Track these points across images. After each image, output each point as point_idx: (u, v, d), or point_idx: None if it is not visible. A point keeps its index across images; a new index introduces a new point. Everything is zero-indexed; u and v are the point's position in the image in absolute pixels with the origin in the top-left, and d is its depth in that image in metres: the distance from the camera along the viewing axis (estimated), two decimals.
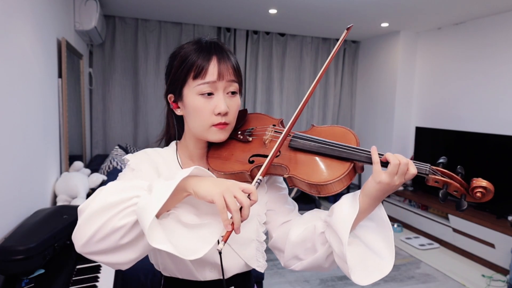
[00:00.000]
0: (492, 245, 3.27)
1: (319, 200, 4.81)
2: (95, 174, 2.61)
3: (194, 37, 0.92)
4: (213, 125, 0.86)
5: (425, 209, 4.14)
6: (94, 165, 3.35)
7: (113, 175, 2.82)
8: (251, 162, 0.87)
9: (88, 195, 2.44)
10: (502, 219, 3.38)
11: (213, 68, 0.83)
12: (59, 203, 2.29)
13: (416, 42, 4.62)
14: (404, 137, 4.71)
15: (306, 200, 4.57)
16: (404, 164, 0.76)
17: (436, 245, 3.79)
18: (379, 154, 0.78)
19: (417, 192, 4.39)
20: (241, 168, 0.86)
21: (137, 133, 4.49)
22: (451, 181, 0.79)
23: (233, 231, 0.66)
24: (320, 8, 3.63)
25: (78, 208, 0.71)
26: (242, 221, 0.66)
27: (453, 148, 3.98)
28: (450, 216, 3.67)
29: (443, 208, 3.78)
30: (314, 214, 0.92)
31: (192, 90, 0.84)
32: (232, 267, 0.89)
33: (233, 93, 0.87)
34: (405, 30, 4.48)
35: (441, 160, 0.82)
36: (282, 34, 4.94)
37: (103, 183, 2.60)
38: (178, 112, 0.91)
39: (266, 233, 0.97)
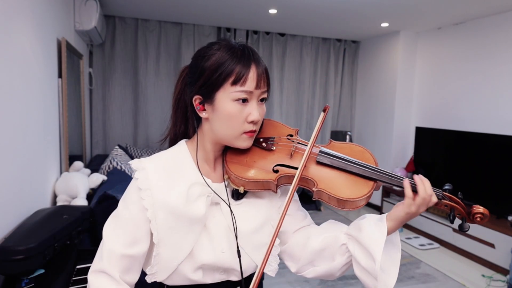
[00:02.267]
0: (492, 245, 3.27)
1: (319, 201, 4.80)
2: (95, 174, 2.61)
3: (222, 38, 0.90)
4: (244, 133, 0.86)
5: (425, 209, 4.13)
6: (94, 165, 3.35)
7: (113, 175, 2.81)
8: (276, 171, 0.88)
9: (88, 195, 2.44)
10: (502, 219, 3.38)
11: (252, 76, 0.82)
12: (59, 203, 2.29)
13: (416, 42, 4.62)
14: (404, 137, 4.71)
15: (306, 200, 4.57)
16: (429, 195, 0.84)
17: (436, 245, 3.79)
18: (410, 182, 0.86)
19: None
20: (267, 177, 0.87)
21: (137, 133, 4.49)
22: (457, 206, 0.89)
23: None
24: (320, 8, 3.63)
25: (89, 283, 0.84)
26: None
27: (453, 148, 3.98)
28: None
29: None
30: (333, 226, 0.95)
31: (228, 96, 0.82)
32: (245, 270, 0.90)
33: (263, 100, 0.88)
34: (405, 30, 4.49)
35: (447, 187, 0.91)
36: (282, 34, 4.94)
37: (103, 183, 2.60)
38: (203, 114, 0.87)
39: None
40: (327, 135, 5.18)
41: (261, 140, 0.94)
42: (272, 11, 3.79)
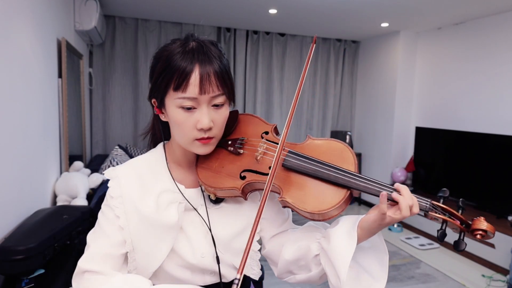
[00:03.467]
0: (492, 245, 3.27)
1: None
2: (95, 174, 2.61)
3: (187, 34, 0.82)
4: (196, 139, 0.80)
5: None
6: (94, 165, 3.35)
7: None
8: (243, 178, 0.82)
9: (88, 195, 2.44)
10: (502, 219, 3.38)
11: (194, 81, 0.75)
12: (59, 203, 2.29)
13: (416, 42, 4.62)
14: (404, 137, 4.71)
15: None
16: (409, 206, 0.74)
17: (436, 245, 3.79)
18: (388, 188, 0.76)
19: (417, 192, 4.36)
20: (232, 185, 0.82)
21: (137, 133, 4.49)
22: (450, 219, 0.76)
23: None
24: (320, 8, 3.63)
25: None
26: None
27: (453, 148, 3.98)
28: None
29: None
30: (308, 233, 0.88)
31: (173, 102, 0.77)
32: (229, 274, 0.89)
33: (219, 105, 0.80)
34: (405, 30, 4.48)
35: (441, 194, 0.78)
36: (282, 34, 4.94)
37: (103, 183, 2.60)
38: (163, 118, 0.85)
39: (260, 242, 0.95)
40: (327, 135, 5.18)
41: (229, 142, 0.87)
42: (272, 11, 3.79)
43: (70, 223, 1.64)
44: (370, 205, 4.92)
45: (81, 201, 2.25)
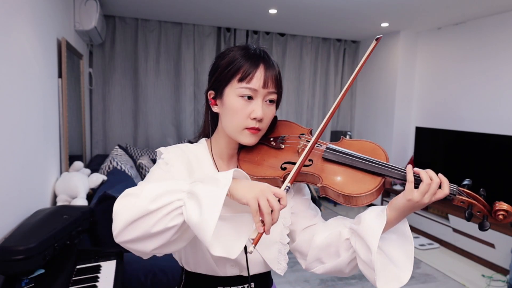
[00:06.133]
0: (492, 245, 3.27)
1: (319, 200, 4.81)
2: (95, 174, 2.61)
3: (243, 43, 0.95)
4: (246, 128, 0.89)
5: (425, 209, 4.14)
6: (94, 165, 3.35)
7: (113, 175, 2.81)
8: (283, 168, 0.90)
9: (88, 195, 2.44)
10: None
11: (259, 75, 0.87)
12: (59, 203, 2.29)
13: (416, 42, 4.62)
14: (404, 137, 4.71)
15: None
16: (436, 183, 0.81)
17: (436, 245, 3.79)
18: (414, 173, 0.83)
19: None
20: (274, 174, 0.89)
21: (137, 133, 4.49)
22: (476, 203, 0.84)
23: (264, 234, 0.68)
24: (320, 8, 3.63)
25: (115, 209, 0.73)
26: (272, 224, 0.68)
27: (453, 148, 3.98)
28: (450, 216, 3.67)
29: (443, 208, 3.78)
30: (339, 221, 0.95)
31: (234, 91, 0.88)
32: (254, 266, 0.91)
33: (271, 101, 0.91)
34: (405, 30, 4.49)
35: (466, 182, 0.86)
36: (282, 34, 4.94)
37: (103, 183, 2.60)
38: (215, 109, 0.93)
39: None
40: (327, 135, 5.18)
41: (271, 139, 0.97)
42: (272, 11, 3.79)
43: (70, 223, 1.64)
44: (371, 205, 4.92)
45: (81, 201, 2.25)
